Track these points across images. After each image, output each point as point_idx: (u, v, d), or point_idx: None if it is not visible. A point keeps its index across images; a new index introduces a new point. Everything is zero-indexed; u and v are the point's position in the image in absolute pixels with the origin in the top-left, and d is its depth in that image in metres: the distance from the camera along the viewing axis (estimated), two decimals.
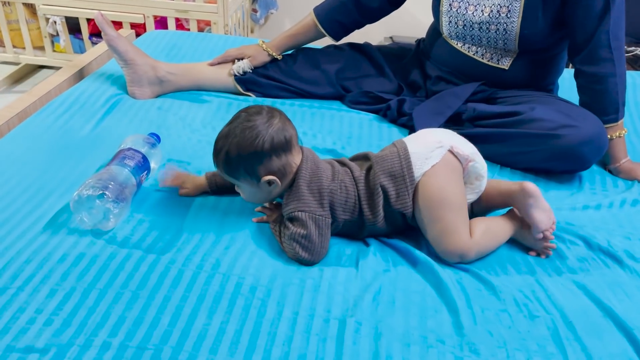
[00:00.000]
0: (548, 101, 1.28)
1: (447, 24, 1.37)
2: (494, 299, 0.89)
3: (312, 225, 0.94)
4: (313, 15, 1.50)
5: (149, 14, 2.39)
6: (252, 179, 0.96)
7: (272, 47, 1.51)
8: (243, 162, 0.94)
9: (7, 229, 0.97)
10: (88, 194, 0.95)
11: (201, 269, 0.91)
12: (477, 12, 1.32)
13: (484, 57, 1.36)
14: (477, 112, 1.31)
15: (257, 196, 1.01)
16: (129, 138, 1.12)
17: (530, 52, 1.33)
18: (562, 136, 1.16)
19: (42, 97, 1.41)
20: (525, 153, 1.21)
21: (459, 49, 1.39)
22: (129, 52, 1.42)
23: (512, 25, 1.28)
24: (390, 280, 0.91)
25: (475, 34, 1.34)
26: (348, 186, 0.98)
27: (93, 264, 0.90)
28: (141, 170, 1.07)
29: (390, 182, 0.97)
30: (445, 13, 1.37)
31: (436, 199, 0.95)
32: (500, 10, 1.28)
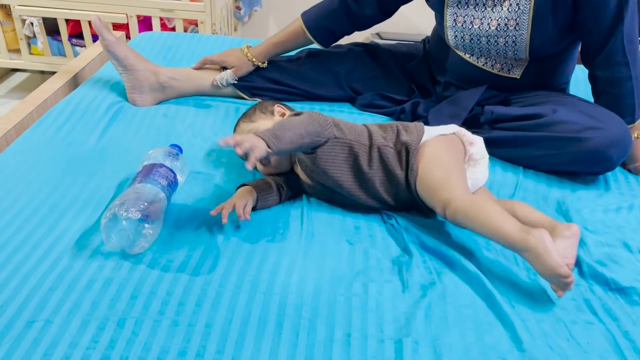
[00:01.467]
0: (568, 102, 1.26)
1: (453, 37, 1.33)
2: (546, 310, 0.87)
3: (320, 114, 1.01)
4: (301, 21, 1.41)
5: (132, 13, 2.29)
6: (264, 114, 1.15)
7: (257, 55, 1.42)
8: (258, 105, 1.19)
9: (23, 254, 0.89)
10: (126, 215, 0.87)
11: (240, 289, 0.86)
12: (483, 25, 1.27)
13: (494, 67, 1.33)
14: (496, 114, 1.28)
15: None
16: (153, 152, 1.06)
17: (540, 60, 1.30)
18: (588, 139, 1.14)
19: (38, 106, 1.32)
20: (550, 156, 1.19)
21: (468, 59, 1.35)
22: (129, 57, 1.35)
23: (522, 37, 1.24)
24: (439, 294, 0.88)
25: (484, 46, 1.30)
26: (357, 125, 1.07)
27: (123, 290, 0.84)
28: (173, 189, 1.01)
29: (403, 127, 1.07)
30: (450, 28, 1.32)
31: (433, 157, 1.01)
32: (508, 23, 1.24)
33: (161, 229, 0.95)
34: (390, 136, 1.05)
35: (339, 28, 1.42)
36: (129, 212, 0.88)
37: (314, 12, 1.41)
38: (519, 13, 1.22)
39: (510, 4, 1.22)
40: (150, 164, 1.02)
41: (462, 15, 1.29)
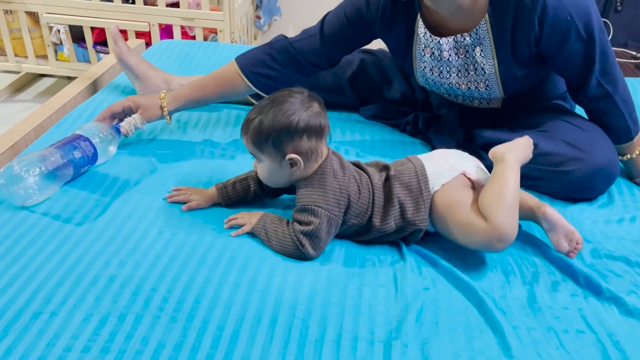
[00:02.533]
0: (555, 127, 1.22)
1: (430, 91, 1.35)
2: (538, 318, 0.87)
3: (325, 223, 0.95)
4: (236, 65, 1.28)
5: (155, 22, 2.36)
6: (277, 154, 0.94)
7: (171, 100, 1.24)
8: (273, 134, 0.93)
9: (34, 250, 0.94)
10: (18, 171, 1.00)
11: (238, 288, 0.89)
12: (452, 87, 1.27)
13: (473, 103, 1.32)
14: (485, 139, 1.27)
15: (275, 176, 0.98)
16: (91, 124, 1.17)
17: (519, 94, 1.28)
18: (571, 171, 1.13)
19: (57, 110, 1.38)
20: (539, 186, 1.18)
21: (446, 97, 1.35)
22: (139, 65, 1.40)
23: (495, 93, 1.24)
24: (432, 299, 0.89)
25: (460, 99, 1.31)
26: (364, 192, 0.99)
27: (126, 286, 0.88)
28: (87, 162, 1.12)
29: (408, 195, 0.99)
30: (425, 84, 1.32)
31: (448, 205, 0.98)
32: (478, 85, 1.23)
33: (166, 230, 0.99)
34: (389, 218, 0.98)
35: (277, 73, 1.29)
36: (22, 169, 1.01)
37: (249, 57, 1.30)
38: (486, 76, 1.21)
39: (475, 69, 1.21)
40: (77, 134, 1.13)
41: (432, 79, 1.28)
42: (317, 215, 0.94)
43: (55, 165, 1.04)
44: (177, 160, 1.22)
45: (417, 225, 0.99)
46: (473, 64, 1.20)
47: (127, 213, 1.04)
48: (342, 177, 0.97)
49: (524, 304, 0.90)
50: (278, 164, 0.96)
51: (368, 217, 0.99)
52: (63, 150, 1.07)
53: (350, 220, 0.98)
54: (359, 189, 0.98)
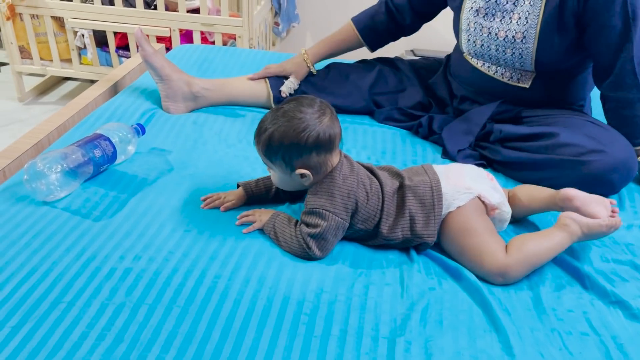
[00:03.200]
0: (576, 123, 1.26)
1: (466, 41, 1.38)
2: (543, 319, 0.88)
3: (333, 226, 0.97)
4: (352, 24, 1.53)
5: (175, 27, 2.42)
6: (286, 167, 0.98)
7: (312, 56, 1.53)
8: (283, 149, 0.96)
9: (54, 243, 0.98)
10: (41, 168, 1.04)
11: (248, 283, 0.92)
12: (491, 34, 1.31)
13: (504, 76, 1.35)
14: (504, 133, 1.30)
15: (286, 184, 1.03)
16: (111, 125, 1.21)
17: (549, 73, 1.31)
18: (591, 162, 1.14)
19: (79, 111, 1.42)
20: (554, 178, 1.19)
21: (479, 68, 1.38)
22: (164, 67, 1.44)
23: (528, 51, 1.27)
24: (437, 298, 0.91)
25: (493, 54, 1.33)
26: (373, 198, 1.00)
27: (140, 279, 0.91)
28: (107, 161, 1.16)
29: (420, 209, 1.01)
30: (465, 31, 1.37)
31: (462, 230, 0.99)
32: (515, 35, 1.27)
33: (181, 226, 1.03)
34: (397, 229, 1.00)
35: (386, 32, 1.53)
36: (45, 166, 1.04)
37: (363, 17, 1.53)
38: (526, 27, 1.25)
39: (519, 17, 1.26)
40: (98, 134, 1.17)
41: (474, 22, 1.34)
42: (324, 219, 0.97)
43: (76, 163, 1.08)
44: (193, 160, 1.26)
45: (425, 239, 1.00)
46: (519, 11, 1.25)
47: (143, 210, 1.08)
48: (350, 182, 0.99)
49: (528, 306, 0.91)
50: (288, 176, 0.99)
51: (375, 223, 1.00)
52: (84, 148, 1.11)
53: (357, 225, 1.00)
54: (368, 195, 1.00)
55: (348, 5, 2.91)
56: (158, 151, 1.28)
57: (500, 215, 1.04)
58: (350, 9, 2.95)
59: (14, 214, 1.04)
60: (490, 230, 1.00)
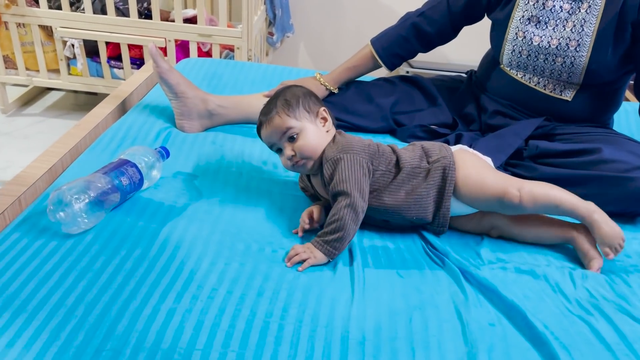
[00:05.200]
0: (615, 140, 1.26)
1: (510, 52, 1.35)
2: (603, 353, 0.86)
3: (356, 162, 1.01)
4: (371, 48, 1.48)
5: (171, 37, 2.34)
6: (310, 114, 1.05)
7: (330, 80, 1.48)
8: (301, 99, 1.05)
9: (87, 282, 0.91)
10: (69, 199, 0.98)
11: (301, 323, 0.86)
12: (543, 42, 1.30)
13: (547, 88, 1.34)
14: (540, 149, 1.29)
15: (318, 138, 1.04)
16: (134, 149, 1.15)
17: (593, 86, 1.31)
18: (637, 179, 1.13)
19: (90, 131, 1.35)
20: (595, 195, 1.18)
21: (519, 79, 1.37)
22: (180, 85, 1.38)
23: (581, 60, 1.26)
24: (500, 335, 0.87)
25: (539, 64, 1.32)
26: (382, 147, 1.08)
27: (186, 321, 0.85)
28: (134, 189, 1.10)
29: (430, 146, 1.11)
30: (510, 41, 1.35)
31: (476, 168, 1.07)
32: (569, 43, 1.26)
33: (217, 260, 0.97)
34: (417, 155, 1.09)
35: (407, 52, 1.49)
36: (73, 197, 0.98)
37: (383, 39, 1.48)
38: (582, 34, 1.24)
39: (574, 25, 1.25)
40: (123, 160, 1.11)
41: (524, 31, 1.32)
42: (345, 160, 1.01)
43: (103, 192, 1.01)
44: (219, 185, 1.20)
45: (442, 162, 1.05)
46: (574, 19, 1.24)
47: (176, 242, 1.02)
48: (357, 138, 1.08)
49: (588, 338, 0.89)
50: (314, 123, 1.05)
51: (395, 162, 1.06)
52: (111, 176, 1.04)
53: (379, 167, 1.05)
54: (377, 146, 1.08)
55: (342, 15, 2.88)
56: (183, 176, 1.22)
57: None
58: (344, 20, 2.93)
59: (39, 248, 0.97)
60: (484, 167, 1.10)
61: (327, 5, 2.88)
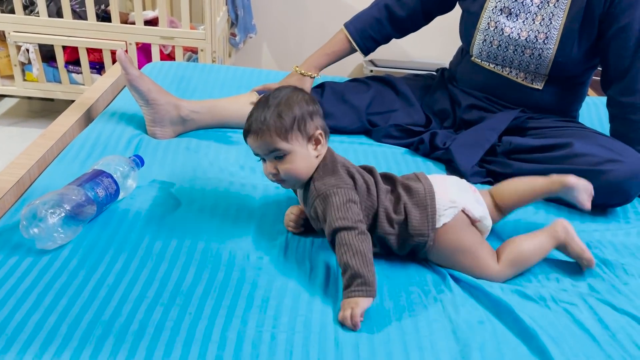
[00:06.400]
0: (585, 135, 1.30)
1: (481, 42, 1.38)
2: (588, 343, 0.88)
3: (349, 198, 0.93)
4: (345, 32, 1.50)
5: (132, 40, 2.28)
6: (303, 136, 0.94)
7: (309, 67, 1.50)
8: (298, 117, 0.93)
9: (67, 300, 0.87)
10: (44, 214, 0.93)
11: (294, 330, 0.85)
12: (513, 34, 1.33)
13: (518, 77, 1.38)
14: (514, 145, 1.32)
15: (305, 162, 0.96)
16: (108, 159, 1.11)
17: (560, 78, 1.36)
18: (608, 171, 1.17)
19: (57, 140, 1.29)
20: None
21: (492, 69, 1.40)
22: (151, 91, 1.34)
23: (548, 52, 1.30)
24: (490, 332, 0.88)
25: (509, 55, 1.35)
26: (370, 186, 0.99)
27: (177, 336, 0.82)
28: (110, 200, 1.06)
29: (415, 208, 0.99)
30: (482, 31, 1.37)
31: (452, 248, 1.00)
32: (538, 35, 1.30)
33: (203, 270, 0.95)
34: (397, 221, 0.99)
35: (380, 35, 1.50)
36: (48, 212, 0.94)
37: (356, 22, 1.49)
38: (550, 28, 1.28)
39: (543, 18, 1.29)
40: (98, 170, 1.06)
41: (495, 21, 1.35)
42: (338, 195, 0.93)
43: (79, 205, 0.98)
44: (198, 193, 1.17)
45: (419, 239, 0.98)
46: (543, 12, 1.27)
47: (158, 252, 0.99)
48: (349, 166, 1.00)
49: (573, 330, 0.91)
50: (305, 148, 0.95)
51: (373, 215, 0.98)
52: (86, 188, 1.00)
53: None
54: (367, 185, 0.99)
55: (305, 15, 2.87)
56: (159, 184, 1.19)
57: (481, 227, 1.05)
58: (307, 19, 2.92)
59: (14, 266, 0.92)
60: (480, 242, 1.02)
61: (290, 5, 2.86)
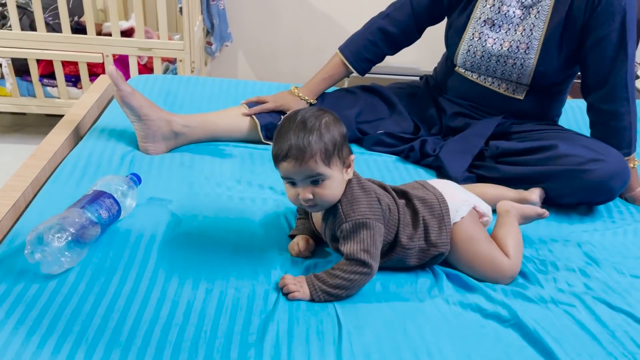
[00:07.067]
0: (568, 137, 1.35)
1: (465, 52, 1.42)
2: (590, 342, 0.93)
3: (377, 232, 0.95)
4: (341, 56, 1.51)
5: (109, 52, 2.25)
6: (341, 162, 0.95)
7: (307, 93, 1.50)
8: (338, 143, 0.93)
9: (80, 326, 0.86)
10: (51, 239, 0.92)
11: (308, 340, 0.87)
12: (496, 45, 1.37)
13: (500, 87, 1.42)
14: (501, 149, 1.36)
15: (340, 187, 0.96)
16: (107, 179, 1.10)
17: (541, 87, 1.40)
18: (592, 170, 1.22)
19: (49, 160, 1.27)
20: (555, 188, 1.27)
21: (475, 80, 1.44)
22: (143, 107, 1.33)
23: (529, 62, 1.34)
24: (492, 337, 0.92)
25: (492, 65, 1.39)
26: (390, 206, 1.02)
27: (195, 354, 0.83)
28: (112, 220, 1.06)
29: (431, 218, 1.04)
30: (467, 41, 1.41)
31: (469, 239, 1.05)
32: (519, 46, 1.34)
33: (212, 288, 0.95)
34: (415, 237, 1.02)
35: (376, 56, 1.52)
36: (54, 236, 0.93)
37: (350, 45, 1.51)
38: (531, 38, 1.33)
39: (524, 29, 1.33)
40: (99, 191, 1.06)
41: (479, 32, 1.39)
42: (369, 227, 0.95)
43: (84, 228, 0.97)
44: (197, 209, 1.17)
45: (440, 248, 1.03)
46: (525, 24, 1.31)
47: (167, 272, 0.99)
48: (372, 187, 1.01)
49: (574, 330, 0.95)
50: (342, 172, 0.96)
51: (395, 233, 1.01)
52: (89, 210, 1.00)
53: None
54: (389, 206, 1.01)
55: (279, 22, 2.88)
56: (157, 202, 1.18)
57: (486, 222, 1.12)
58: (282, 26, 2.93)
59: (21, 293, 0.91)
60: (490, 238, 1.09)
61: (264, 13, 2.87)
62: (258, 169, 1.35)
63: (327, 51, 1.62)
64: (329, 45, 2.98)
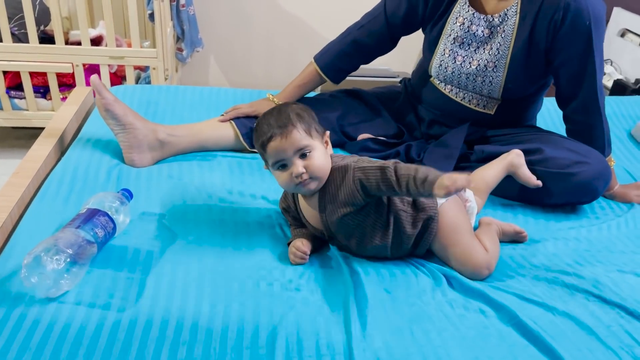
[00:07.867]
0: (550, 139, 1.37)
1: (438, 66, 1.44)
2: (587, 337, 0.96)
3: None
4: (315, 65, 1.51)
5: (78, 62, 2.19)
6: (320, 135, 1.04)
7: (282, 100, 1.49)
8: (313, 118, 1.04)
9: (85, 350, 0.84)
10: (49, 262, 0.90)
11: (320, 355, 0.87)
12: (465, 62, 1.39)
13: (471, 103, 1.44)
14: (487, 153, 1.39)
15: (326, 159, 1.03)
16: (99, 196, 1.08)
17: (512, 101, 1.43)
18: (578, 173, 1.26)
19: (33, 178, 1.24)
20: (542, 190, 1.30)
21: (447, 93, 1.46)
22: (127, 115, 1.31)
23: (498, 79, 1.37)
24: (496, 338, 0.94)
25: (462, 80, 1.42)
26: None
27: None
28: (108, 238, 1.05)
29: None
30: (439, 55, 1.43)
31: (452, 225, 1.10)
32: (487, 64, 1.36)
33: (216, 302, 0.94)
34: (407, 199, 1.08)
35: (350, 66, 1.54)
36: (52, 258, 0.91)
37: (325, 55, 1.51)
38: (498, 57, 1.35)
39: (491, 48, 1.36)
40: (93, 210, 1.04)
41: (450, 49, 1.41)
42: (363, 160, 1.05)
43: (81, 248, 0.94)
44: (191, 223, 1.16)
45: (428, 212, 1.07)
46: (492, 43, 1.34)
47: (167, 289, 0.98)
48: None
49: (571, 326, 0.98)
50: (323, 145, 1.04)
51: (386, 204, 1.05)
52: (85, 230, 0.97)
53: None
54: None
55: (251, 26, 2.86)
56: (150, 217, 1.16)
57: (470, 208, 1.16)
58: (253, 30, 2.91)
59: (20, 318, 0.88)
60: (471, 227, 1.12)
61: (235, 17, 2.84)
62: (248, 179, 1.34)
63: (301, 55, 1.63)
64: (302, 48, 3.00)
